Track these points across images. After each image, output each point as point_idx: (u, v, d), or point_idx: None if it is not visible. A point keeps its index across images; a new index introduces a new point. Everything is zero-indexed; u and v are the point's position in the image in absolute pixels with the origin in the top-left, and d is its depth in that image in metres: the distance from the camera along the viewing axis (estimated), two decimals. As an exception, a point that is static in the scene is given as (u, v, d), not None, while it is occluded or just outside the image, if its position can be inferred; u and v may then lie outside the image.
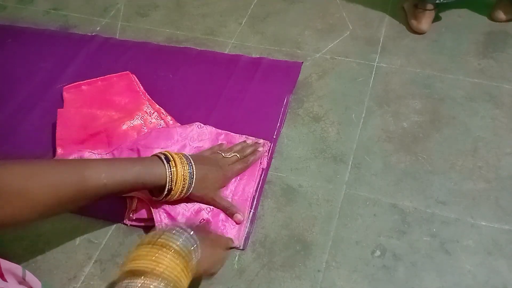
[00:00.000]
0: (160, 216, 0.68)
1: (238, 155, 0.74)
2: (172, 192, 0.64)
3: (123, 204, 0.72)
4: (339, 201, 0.72)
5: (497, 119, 0.82)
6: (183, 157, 0.65)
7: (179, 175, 0.63)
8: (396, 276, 0.64)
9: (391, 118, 0.83)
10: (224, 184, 0.72)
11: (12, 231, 0.71)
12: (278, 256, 0.67)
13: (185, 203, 0.70)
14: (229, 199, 0.72)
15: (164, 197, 0.64)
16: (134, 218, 0.71)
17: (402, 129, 0.81)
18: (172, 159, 0.64)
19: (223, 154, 0.73)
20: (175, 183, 0.63)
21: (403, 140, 0.79)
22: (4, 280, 0.54)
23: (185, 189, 0.65)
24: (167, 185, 0.63)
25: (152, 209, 0.69)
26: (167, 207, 0.70)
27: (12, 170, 0.52)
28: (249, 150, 0.75)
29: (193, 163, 0.65)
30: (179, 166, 0.63)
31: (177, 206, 0.70)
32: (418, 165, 0.76)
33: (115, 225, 0.71)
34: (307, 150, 0.79)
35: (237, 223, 0.69)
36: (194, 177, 0.65)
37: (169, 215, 0.68)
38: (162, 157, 0.64)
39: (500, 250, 0.65)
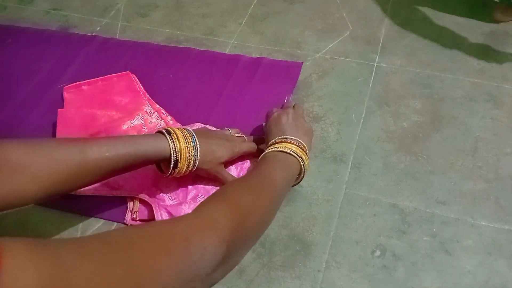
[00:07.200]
0: (161, 216, 0.68)
1: (245, 137, 0.76)
2: (180, 165, 0.65)
3: (123, 204, 0.72)
4: (339, 201, 0.72)
5: (497, 119, 0.82)
6: (185, 131, 0.67)
7: (182, 145, 0.64)
8: (396, 276, 0.64)
9: (391, 118, 0.83)
10: (231, 158, 0.72)
11: (12, 232, 0.72)
12: (278, 256, 0.67)
13: (186, 203, 0.71)
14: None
15: (172, 170, 0.65)
16: (135, 218, 0.71)
17: (402, 129, 0.81)
18: (173, 132, 0.65)
19: (230, 131, 0.75)
20: (180, 153, 0.64)
21: (403, 140, 0.79)
22: None
23: (192, 161, 0.66)
24: (172, 156, 0.63)
25: (154, 209, 0.69)
26: (168, 206, 0.70)
27: (10, 146, 0.52)
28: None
29: (195, 136, 0.67)
30: (180, 137, 0.65)
31: (178, 205, 0.70)
32: (418, 165, 0.76)
33: (115, 225, 0.71)
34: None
35: None
36: (198, 149, 0.66)
37: (170, 214, 0.68)
38: (164, 131, 0.65)
39: (500, 250, 0.65)
